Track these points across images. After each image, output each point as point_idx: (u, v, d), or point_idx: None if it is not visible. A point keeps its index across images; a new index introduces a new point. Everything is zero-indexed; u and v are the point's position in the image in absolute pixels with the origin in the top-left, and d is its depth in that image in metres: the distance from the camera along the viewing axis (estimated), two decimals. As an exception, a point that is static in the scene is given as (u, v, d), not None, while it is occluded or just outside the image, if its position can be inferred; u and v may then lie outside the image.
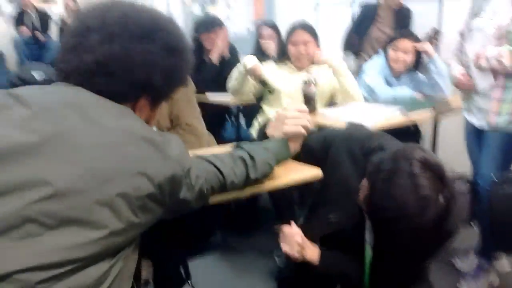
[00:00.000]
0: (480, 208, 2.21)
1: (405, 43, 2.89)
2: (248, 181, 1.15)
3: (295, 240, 1.40)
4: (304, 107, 1.37)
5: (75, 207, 0.73)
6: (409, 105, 2.52)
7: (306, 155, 1.46)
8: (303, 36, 2.62)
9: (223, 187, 1.08)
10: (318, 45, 2.69)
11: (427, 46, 2.87)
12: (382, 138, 1.41)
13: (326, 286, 1.53)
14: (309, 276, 1.50)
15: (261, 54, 3.22)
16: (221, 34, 3.12)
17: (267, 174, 1.21)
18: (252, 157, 1.15)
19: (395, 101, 2.62)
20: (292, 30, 2.68)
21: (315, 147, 1.46)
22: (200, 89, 2.89)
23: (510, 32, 2.05)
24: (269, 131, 1.35)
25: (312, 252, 1.42)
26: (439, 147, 2.98)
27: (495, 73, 2.11)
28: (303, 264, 1.42)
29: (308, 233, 1.44)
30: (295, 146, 1.33)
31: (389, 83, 2.92)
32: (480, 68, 2.15)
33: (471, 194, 2.45)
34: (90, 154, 0.77)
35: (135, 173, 0.79)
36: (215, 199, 1.11)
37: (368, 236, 1.30)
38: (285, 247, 1.42)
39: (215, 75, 3.06)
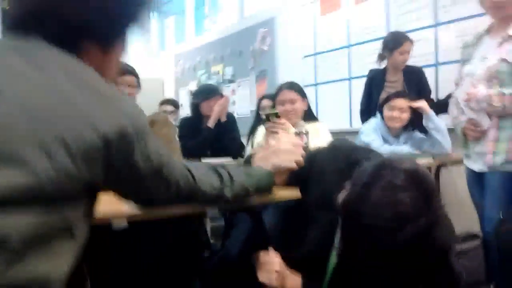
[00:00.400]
0: (491, 258, 2.03)
1: (400, 102, 2.88)
2: (220, 199, 1.04)
3: (273, 269, 1.27)
4: (299, 141, 1.30)
5: (3, 144, 0.65)
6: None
7: (290, 175, 1.38)
8: (289, 95, 2.65)
9: (192, 193, 0.97)
10: (305, 102, 2.71)
11: (422, 104, 2.86)
12: (369, 150, 1.33)
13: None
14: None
15: (260, 124, 3.24)
16: (220, 100, 3.17)
17: (242, 200, 1.10)
18: (231, 178, 1.06)
19: (392, 155, 2.54)
20: (279, 90, 2.73)
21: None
22: (196, 155, 2.88)
23: (500, 72, 2.04)
24: (256, 160, 1.26)
25: (293, 282, 1.28)
26: (442, 196, 2.82)
27: (488, 114, 2.07)
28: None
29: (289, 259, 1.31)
30: (279, 180, 1.23)
31: (387, 142, 2.87)
32: (471, 109, 2.11)
33: (483, 249, 2.28)
34: (26, 93, 0.69)
35: (76, 117, 0.70)
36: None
37: (337, 242, 1.18)
38: (262, 277, 1.28)
39: (211, 139, 3.06)
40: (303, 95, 2.70)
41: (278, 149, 1.23)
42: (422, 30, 3.60)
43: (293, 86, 2.72)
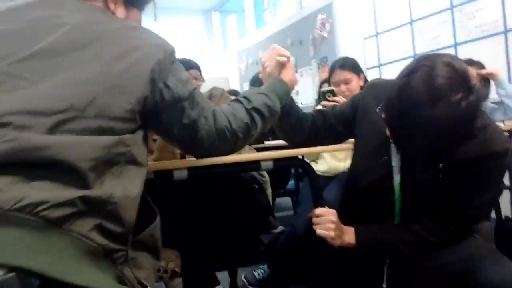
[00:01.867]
0: None
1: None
2: (251, 113, 1.07)
3: (329, 220, 1.28)
4: (275, 46, 1.33)
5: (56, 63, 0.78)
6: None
7: (339, 121, 1.43)
8: (343, 75, 2.51)
9: (228, 118, 1.02)
10: (361, 77, 2.55)
11: (492, 70, 2.71)
12: None
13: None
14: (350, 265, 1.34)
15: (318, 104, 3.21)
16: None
17: (270, 105, 1.12)
18: (244, 96, 1.12)
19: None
20: (332, 71, 2.59)
21: (344, 109, 1.44)
22: (257, 138, 2.91)
23: None
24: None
25: (349, 234, 1.28)
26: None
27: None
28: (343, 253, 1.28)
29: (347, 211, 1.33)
30: (288, 75, 1.26)
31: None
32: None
33: None
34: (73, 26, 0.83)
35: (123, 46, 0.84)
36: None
37: (395, 160, 1.21)
38: (320, 230, 1.28)
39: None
40: (357, 71, 2.54)
41: (262, 62, 1.30)
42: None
43: (345, 65, 2.54)
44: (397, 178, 1.22)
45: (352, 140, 1.48)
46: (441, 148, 1.05)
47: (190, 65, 2.96)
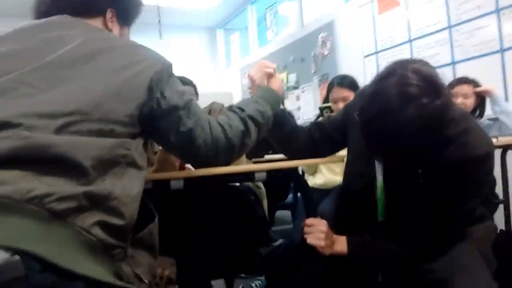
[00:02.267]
0: None
1: (464, 88, 2.81)
2: (245, 120, 1.13)
3: (320, 230, 1.32)
4: (261, 60, 1.45)
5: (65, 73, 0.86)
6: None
7: (335, 129, 1.50)
8: (341, 93, 2.55)
9: (224, 129, 1.07)
10: None
11: (487, 87, 2.77)
12: None
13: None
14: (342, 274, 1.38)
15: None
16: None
17: (262, 111, 1.19)
18: (237, 106, 1.18)
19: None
20: (330, 88, 2.64)
21: (338, 117, 1.51)
22: (258, 152, 2.96)
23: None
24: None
25: (340, 243, 1.33)
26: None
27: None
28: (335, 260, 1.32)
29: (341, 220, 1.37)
30: (275, 85, 1.37)
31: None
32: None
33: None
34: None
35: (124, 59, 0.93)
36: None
37: (378, 165, 1.25)
38: (311, 240, 1.33)
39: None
40: (355, 89, 2.56)
41: (251, 77, 1.42)
42: (484, 17, 3.47)
43: (343, 83, 2.59)
44: (379, 179, 1.26)
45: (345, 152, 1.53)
46: (414, 152, 1.09)
47: (184, 82, 3.06)
